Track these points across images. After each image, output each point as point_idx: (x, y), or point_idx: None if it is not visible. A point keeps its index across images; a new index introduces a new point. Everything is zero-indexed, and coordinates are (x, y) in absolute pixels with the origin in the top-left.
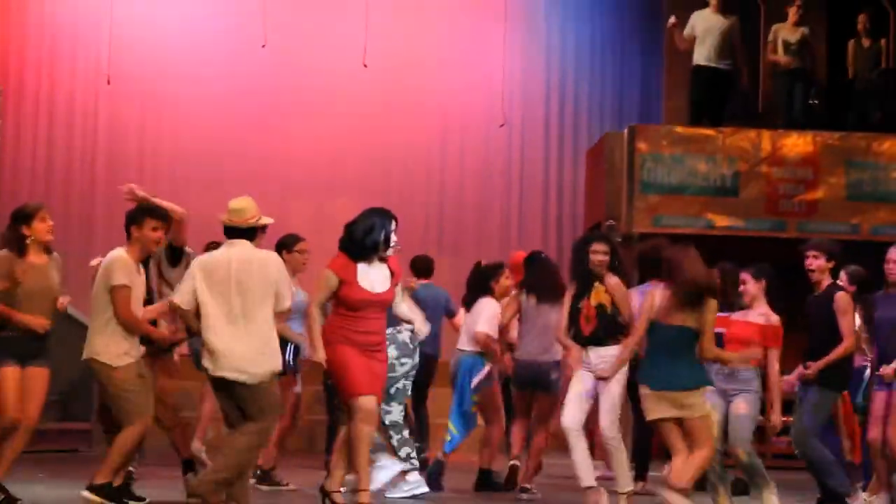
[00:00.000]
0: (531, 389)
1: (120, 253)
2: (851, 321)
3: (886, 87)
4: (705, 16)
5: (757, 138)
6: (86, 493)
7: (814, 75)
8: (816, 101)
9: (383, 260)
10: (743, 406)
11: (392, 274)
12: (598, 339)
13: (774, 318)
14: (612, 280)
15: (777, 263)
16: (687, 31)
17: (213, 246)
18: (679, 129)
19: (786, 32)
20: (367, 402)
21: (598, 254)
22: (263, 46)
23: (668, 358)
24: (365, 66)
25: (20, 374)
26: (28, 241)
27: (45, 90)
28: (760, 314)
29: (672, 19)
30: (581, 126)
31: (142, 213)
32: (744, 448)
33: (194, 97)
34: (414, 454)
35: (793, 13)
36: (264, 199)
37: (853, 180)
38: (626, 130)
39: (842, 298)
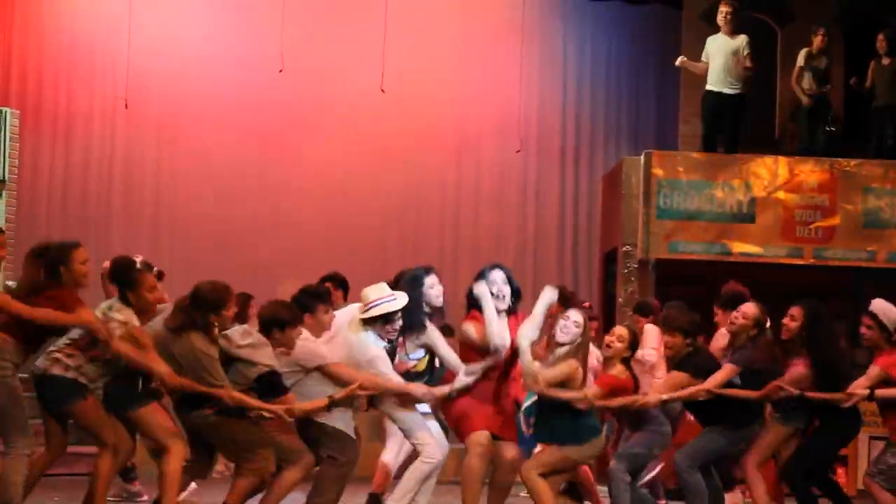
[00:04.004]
0: None
1: None
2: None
3: None
4: (716, 39)
5: (774, 164)
6: None
7: (831, 102)
8: (834, 129)
9: (506, 314)
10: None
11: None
12: None
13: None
14: None
15: (793, 290)
16: (703, 58)
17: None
18: (696, 154)
19: (810, 60)
20: (481, 436)
21: None
22: (281, 71)
23: None
24: (382, 91)
25: None
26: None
27: (63, 113)
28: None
29: (680, 59)
30: (597, 151)
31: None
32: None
33: (211, 121)
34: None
35: (818, 41)
36: (279, 224)
37: (870, 207)
38: (642, 156)
39: None
